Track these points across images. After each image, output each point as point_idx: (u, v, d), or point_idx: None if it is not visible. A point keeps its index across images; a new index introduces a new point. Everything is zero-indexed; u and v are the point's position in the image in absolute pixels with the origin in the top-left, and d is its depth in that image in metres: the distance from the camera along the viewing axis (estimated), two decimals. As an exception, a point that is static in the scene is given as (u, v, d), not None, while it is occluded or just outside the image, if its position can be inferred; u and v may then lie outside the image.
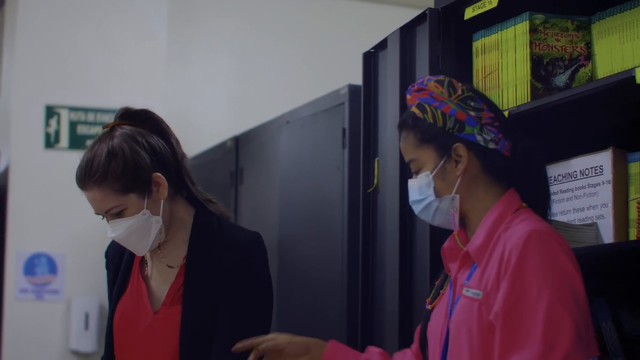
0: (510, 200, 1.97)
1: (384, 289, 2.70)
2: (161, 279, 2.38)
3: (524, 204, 1.96)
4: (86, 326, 5.14)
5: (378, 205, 2.79)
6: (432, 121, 1.99)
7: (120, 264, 2.45)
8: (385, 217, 2.71)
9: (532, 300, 1.78)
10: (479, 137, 1.97)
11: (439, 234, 2.43)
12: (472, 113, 1.98)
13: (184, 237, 2.37)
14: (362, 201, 2.85)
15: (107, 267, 2.51)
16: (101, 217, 2.33)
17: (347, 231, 3.33)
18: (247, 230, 2.38)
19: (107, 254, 2.51)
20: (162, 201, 2.31)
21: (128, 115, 2.36)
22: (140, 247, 2.33)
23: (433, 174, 1.99)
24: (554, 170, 2.38)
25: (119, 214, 2.28)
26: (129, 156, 2.27)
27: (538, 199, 2.00)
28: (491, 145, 1.98)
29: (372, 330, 2.78)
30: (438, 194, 1.99)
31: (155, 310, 2.34)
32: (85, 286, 5.20)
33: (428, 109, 1.99)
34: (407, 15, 3.99)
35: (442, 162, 1.98)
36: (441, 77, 2.03)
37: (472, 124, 1.97)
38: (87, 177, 2.26)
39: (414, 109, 2.02)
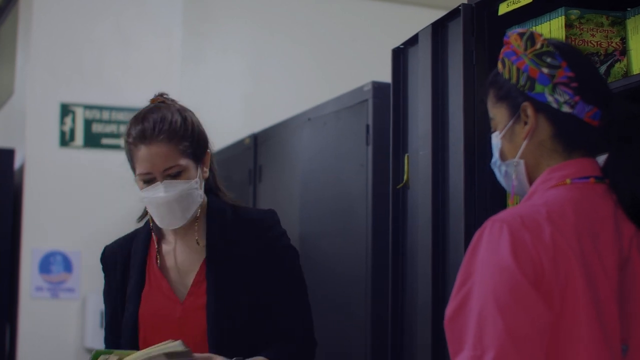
0: (551, 176, 1.76)
1: (416, 285, 2.69)
2: (183, 269, 2.38)
3: (568, 180, 1.74)
4: (101, 324, 5.13)
5: (408, 201, 2.79)
6: (507, 77, 1.82)
7: (128, 263, 2.44)
8: (417, 212, 2.71)
9: (473, 299, 1.62)
10: (550, 98, 1.76)
11: (474, 228, 2.43)
12: (545, 70, 1.77)
13: (201, 222, 2.40)
14: (391, 197, 2.85)
15: (107, 270, 2.50)
16: (145, 183, 2.29)
17: (371, 228, 3.32)
18: (260, 209, 2.53)
19: (106, 260, 2.50)
20: (203, 181, 2.37)
21: (166, 97, 2.43)
22: (178, 218, 2.32)
23: (501, 134, 1.82)
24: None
25: (176, 176, 2.28)
26: (197, 123, 2.37)
27: (629, 182, 1.74)
28: (565, 109, 1.76)
29: (402, 327, 2.78)
30: (503, 156, 1.83)
31: (182, 301, 2.34)
32: (100, 284, 5.11)
33: (507, 63, 1.82)
34: (419, 14, 3.99)
35: (511, 122, 1.80)
36: (525, 30, 1.83)
37: (543, 82, 1.77)
38: (158, 132, 2.27)
39: (498, 64, 1.86)
